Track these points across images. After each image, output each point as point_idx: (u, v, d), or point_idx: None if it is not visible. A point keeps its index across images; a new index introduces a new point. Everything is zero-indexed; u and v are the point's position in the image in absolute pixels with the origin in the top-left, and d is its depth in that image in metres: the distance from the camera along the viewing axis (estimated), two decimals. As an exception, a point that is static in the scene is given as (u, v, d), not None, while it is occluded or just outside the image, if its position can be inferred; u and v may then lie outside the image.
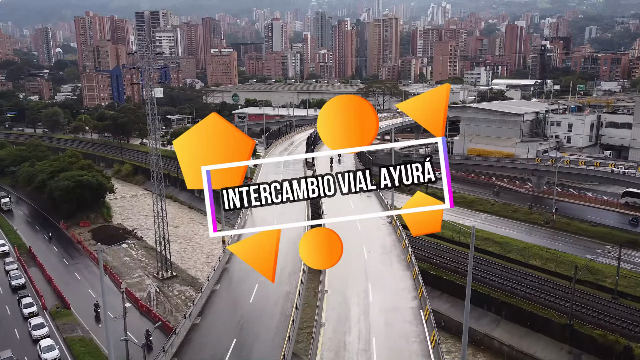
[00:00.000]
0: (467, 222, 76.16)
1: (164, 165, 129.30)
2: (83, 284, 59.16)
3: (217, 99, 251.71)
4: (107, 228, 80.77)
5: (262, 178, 62.79)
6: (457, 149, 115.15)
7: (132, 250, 72.36)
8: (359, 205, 53.71)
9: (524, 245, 64.43)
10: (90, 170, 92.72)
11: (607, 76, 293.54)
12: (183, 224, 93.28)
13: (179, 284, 60.33)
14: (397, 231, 41.37)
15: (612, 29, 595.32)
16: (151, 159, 61.28)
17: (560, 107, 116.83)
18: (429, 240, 67.48)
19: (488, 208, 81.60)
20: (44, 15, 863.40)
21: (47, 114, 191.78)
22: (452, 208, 37.45)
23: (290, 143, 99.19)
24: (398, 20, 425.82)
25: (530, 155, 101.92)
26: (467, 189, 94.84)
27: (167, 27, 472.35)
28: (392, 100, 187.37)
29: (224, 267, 40.27)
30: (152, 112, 59.47)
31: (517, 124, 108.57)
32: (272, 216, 53.92)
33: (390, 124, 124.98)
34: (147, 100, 60.37)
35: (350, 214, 10.28)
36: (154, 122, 58.61)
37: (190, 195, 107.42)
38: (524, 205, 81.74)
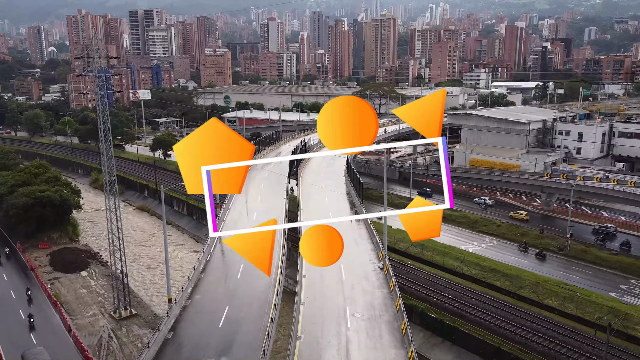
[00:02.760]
0: (471, 247, 68.20)
1: (144, 174, 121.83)
2: (25, 324, 50.65)
3: (209, 100, 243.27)
4: (68, 251, 72.24)
5: (231, 216, 54.45)
6: (458, 160, 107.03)
7: (91, 279, 63.95)
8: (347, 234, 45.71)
9: (536, 278, 56.27)
10: (56, 183, 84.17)
11: (609, 79, 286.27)
12: (158, 242, 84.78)
13: (138, 325, 51.98)
14: (390, 283, 33.33)
15: (611, 31, 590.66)
16: (102, 160, 53.02)
17: (569, 115, 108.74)
18: (428, 271, 59.32)
19: (493, 230, 73.43)
20: (42, 14, 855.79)
21: (28, 116, 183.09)
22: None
23: (277, 154, 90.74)
24: (396, 21, 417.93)
25: (537, 168, 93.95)
26: (469, 206, 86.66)
27: (160, 26, 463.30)
28: (389, 104, 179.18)
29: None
30: (104, 126, 51.29)
31: (523, 134, 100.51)
32: (245, 220, 46.56)
33: (387, 131, 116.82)
34: (98, 112, 52.11)
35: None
36: (105, 124, 50.57)
37: (169, 209, 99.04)
38: (533, 227, 73.56)
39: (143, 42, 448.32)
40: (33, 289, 57.56)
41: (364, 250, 41.40)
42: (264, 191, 60.89)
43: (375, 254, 40.27)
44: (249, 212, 54.18)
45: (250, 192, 62.79)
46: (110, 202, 53.95)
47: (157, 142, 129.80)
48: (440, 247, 66.32)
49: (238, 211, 54.46)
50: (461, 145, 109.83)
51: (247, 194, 62.33)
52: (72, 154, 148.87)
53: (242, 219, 51.68)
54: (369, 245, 42.31)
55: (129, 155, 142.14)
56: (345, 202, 57.89)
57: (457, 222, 77.84)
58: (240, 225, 49.38)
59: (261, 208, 54.87)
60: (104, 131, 51.48)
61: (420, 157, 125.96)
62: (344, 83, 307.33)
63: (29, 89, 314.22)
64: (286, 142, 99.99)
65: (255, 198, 59.72)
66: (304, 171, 71.11)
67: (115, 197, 54.06)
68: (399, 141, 7.84)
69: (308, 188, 62.37)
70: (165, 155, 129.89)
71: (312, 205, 53.16)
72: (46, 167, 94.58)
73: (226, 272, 37.92)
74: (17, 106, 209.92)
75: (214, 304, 32.36)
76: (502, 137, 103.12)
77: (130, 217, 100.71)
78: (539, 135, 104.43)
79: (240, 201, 58.42)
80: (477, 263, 60.98)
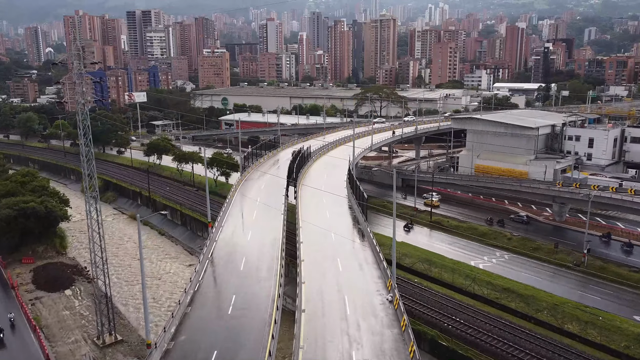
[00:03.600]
0: (481, 263, 64.03)
1: (138, 181, 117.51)
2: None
3: (206, 103, 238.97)
4: (53, 267, 68.05)
5: (225, 234, 50.52)
6: (464, 165, 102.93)
7: (75, 299, 59.76)
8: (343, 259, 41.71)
9: (553, 299, 52.16)
10: (42, 193, 79.94)
11: (612, 80, 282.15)
12: (150, 254, 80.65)
13: (123, 353, 47.84)
14: (401, 321, 29.23)
15: (610, 31, 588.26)
16: (82, 161, 49.06)
17: (579, 119, 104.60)
18: (437, 291, 55.22)
19: (504, 243, 69.26)
20: (41, 14, 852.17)
21: (21, 119, 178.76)
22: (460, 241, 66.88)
23: (275, 162, 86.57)
24: (396, 21, 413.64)
25: (547, 176, 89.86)
26: (476, 216, 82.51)
27: (158, 26, 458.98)
28: (391, 107, 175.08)
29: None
30: (85, 136, 47.32)
31: (531, 139, 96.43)
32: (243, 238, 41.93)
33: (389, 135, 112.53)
34: (78, 120, 48.21)
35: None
36: (84, 123, 46.59)
37: (162, 219, 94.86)
38: (545, 241, 69.35)
39: (141, 43, 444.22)
40: (14, 310, 53.37)
41: (370, 278, 37.29)
42: (260, 205, 56.71)
43: (382, 282, 36.16)
44: (245, 229, 50.00)
45: (247, 205, 58.62)
46: (90, 206, 49.41)
47: (151, 147, 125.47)
48: (448, 263, 62.27)
49: (232, 229, 50.31)
50: (466, 151, 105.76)
51: (243, 208, 58.27)
52: (65, 159, 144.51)
53: (236, 239, 47.49)
54: (375, 272, 38.20)
55: (123, 160, 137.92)
56: (348, 217, 53.73)
57: (466, 234, 73.70)
58: (234, 246, 45.04)
59: (257, 226, 50.70)
60: (83, 129, 47.51)
61: (424, 162, 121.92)
62: (343, 84, 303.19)
63: (24, 91, 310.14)
64: (285, 148, 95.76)
65: (250, 213, 55.56)
66: (304, 181, 66.88)
67: (97, 202, 49.63)
68: (400, 146, 3.63)
69: (307, 201, 58.20)
70: (160, 159, 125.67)
71: (312, 221, 49.02)
72: (34, 175, 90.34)
73: (217, 305, 33.90)
74: (10, 109, 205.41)
75: (201, 349, 28.25)
76: (509, 142, 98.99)
77: (122, 226, 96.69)
78: (548, 141, 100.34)
79: (234, 217, 54.29)
80: (488, 281, 56.87)
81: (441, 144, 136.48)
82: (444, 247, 69.18)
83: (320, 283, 35.92)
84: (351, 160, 75.21)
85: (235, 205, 58.26)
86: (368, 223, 50.32)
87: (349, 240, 46.57)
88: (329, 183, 66.48)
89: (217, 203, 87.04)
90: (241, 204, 59.07)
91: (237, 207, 57.90)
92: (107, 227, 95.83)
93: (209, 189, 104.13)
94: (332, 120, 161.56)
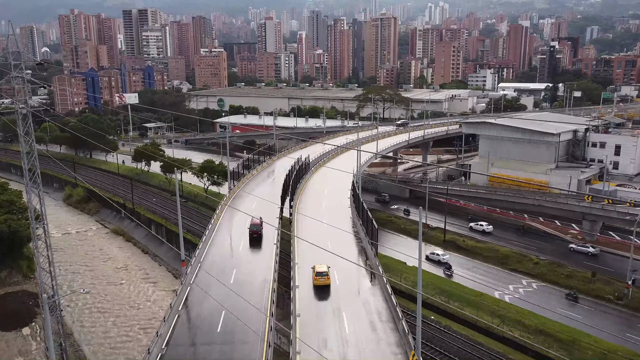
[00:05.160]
0: (507, 294, 55.28)
1: (123, 190, 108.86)
2: None
3: (202, 104, 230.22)
4: (13, 298, 59.54)
5: (212, 256, 41.98)
6: (476, 175, 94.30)
7: (33, 340, 51.15)
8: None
9: (600, 345, 43.63)
10: (10, 209, 71.23)
11: (621, 79, 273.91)
12: (129, 278, 72.13)
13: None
14: None
15: (612, 30, 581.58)
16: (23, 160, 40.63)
17: (602, 124, 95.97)
18: (458, 333, 46.57)
19: (530, 268, 60.66)
20: (39, 14, 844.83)
21: (4, 122, 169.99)
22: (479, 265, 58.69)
23: (270, 173, 77.87)
24: (396, 20, 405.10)
25: (570, 187, 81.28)
26: (493, 234, 73.84)
27: (155, 25, 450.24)
28: (394, 109, 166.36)
29: None
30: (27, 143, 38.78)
31: (551, 146, 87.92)
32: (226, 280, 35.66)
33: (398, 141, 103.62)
34: (19, 125, 39.82)
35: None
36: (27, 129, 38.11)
37: (146, 234, 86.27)
38: (577, 266, 60.65)
39: (137, 42, 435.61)
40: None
41: (386, 345, 28.52)
42: (248, 233, 47.79)
43: (402, 354, 27.36)
44: (228, 268, 40.54)
45: (234, 233, 49.68)
46: (33, 197, 40.64)
47: (139, 153, 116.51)
48: (469, 294, 53.71)
49: (212, 267, 41.25)
50: (479, 158, 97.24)
51: (229, 235, 49.36)
52: (48, 165, 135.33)
53: (214, 287, 37.52)
54: (392, 334, 29.39)
55: (109, 167, 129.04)
56: (354, 248, 45.01)
57: (483, 256, 65.11)
58: (210, 299, 34.87)
59: (244, 263, 41.70)
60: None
61: (431, 170, 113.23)
62: (343, 85, 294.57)
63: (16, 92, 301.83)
64: (281, 157, 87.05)
65: (237, 243, 46.64)
66: (301, 199, 58.14)
67: (41, 204, 41.01)
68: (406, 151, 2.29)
69: (306, 227, 49.21)
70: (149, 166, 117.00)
71: (311, 258, 40.20)
72: (3, 187, 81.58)
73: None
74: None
75: None
76: (526, 149, 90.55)
77: (102, 242, 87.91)
78: (569, 148, 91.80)
79: (217, 248, 45.41)
80: (518, 319, 48.33)
81: (449, 148, 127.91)
82: (462, 273, 60.55)
83: (319, 357, 27.08)
84: (356, 172, 66.65)
85: (219, 232, 49.32)
86: (378, 259, 41.59)
87: (356, 281, 38.08)
88: (330, 202, 57.81)
89: (206, 217, 78.59)
90: (227, 231, 50.08)
91: (222, 234, 48.95)
92: (86, 243, 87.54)
93: (198, 199, 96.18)
94: (333, 124, 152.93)
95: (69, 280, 70.07)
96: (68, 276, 70.80)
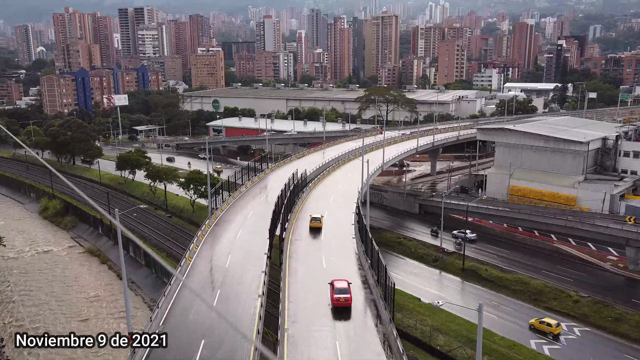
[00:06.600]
0: (545, 343, 45.56)
1: (103, 202, 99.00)
2: None
3: (197, 105, 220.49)
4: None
5: (176, 317, 32.35)
6: (493, 187, 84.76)
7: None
8: None
9: None
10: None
11: (631, 79, 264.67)
12: (100, 312, 62.55)
13: None
14: None
15: (614, 28, 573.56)
16: None
17: (630, 130, 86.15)
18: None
19: (568, 308, 50.97)
20: (37, 12, 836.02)
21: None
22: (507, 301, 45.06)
23: (261, 189, 68.10)
24: (397, 18, 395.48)
25: (603, 202, 71.66)
26: (519, 260, 64.23)
27: (151, 24, 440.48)
28: (398, 111, 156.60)
29: None
30: None
31: (578, 155, 78.25)
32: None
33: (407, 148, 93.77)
34: None
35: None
36: None
37: (125, 254, 76.47)
38: (629, 307, 50.82)
39: (133, 41, 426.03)
40: None
41: None
42: (229, 279, 38.03)
43: None
44: (194, 339, 30.38)
45: (209, 279, 39.59)
46: None
47: (122, 160, 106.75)
48: (499, 344, 44.11)
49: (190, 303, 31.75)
50: (496, 169, 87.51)
51: (201, 282, 39.08)
52: (27, 173, 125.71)
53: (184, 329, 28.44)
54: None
55: (92, 174, 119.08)
56: (361, 299, 35.08)
57: (511, 289, 55.45)
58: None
59: (213, 330, 31.40)
60: None
61: (442, 182, 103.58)
62: (344, 85, 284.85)
63: (9, 92, 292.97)
64: (276, 169, 77.30)
65: (212, 294, 36.09)
66: (295, 228, 48.11)
67: None
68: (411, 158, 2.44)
69: (300, 273, 38.78)
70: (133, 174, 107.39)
71: (306, 322, 30.40)
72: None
73: None
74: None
75: None
76: (549, 159, 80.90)
77: (75, 266, 77.72)
78: (597, 157, 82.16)
79: (184, 303, 34.88)
80: (565, 382, 38.72)
81: (459, 154, 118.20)
82: (488, 314, 50.87)
83: None
84: (360, 189, 57.02)
85: (192, 273, 39.15)
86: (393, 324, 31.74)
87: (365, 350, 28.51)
88: (331, 230, 48.05)
89: (189, 236, 69.09)
90: (200, 274, 39.60)
91: (195, 277, 38.68)
92: (58, 266, 77.60)
93: (184, 215, 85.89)
94: (333, 128, 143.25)
95: (29, 314, 60.46)
96: (30, 309, 61.15)
